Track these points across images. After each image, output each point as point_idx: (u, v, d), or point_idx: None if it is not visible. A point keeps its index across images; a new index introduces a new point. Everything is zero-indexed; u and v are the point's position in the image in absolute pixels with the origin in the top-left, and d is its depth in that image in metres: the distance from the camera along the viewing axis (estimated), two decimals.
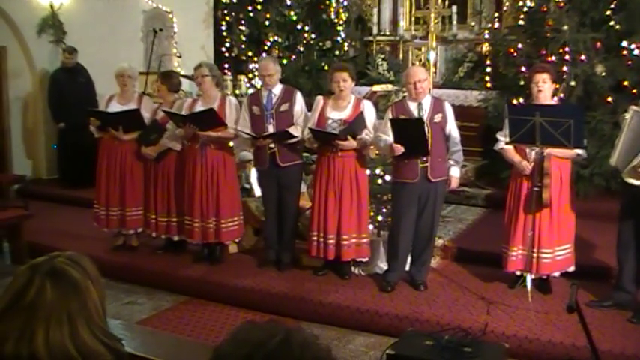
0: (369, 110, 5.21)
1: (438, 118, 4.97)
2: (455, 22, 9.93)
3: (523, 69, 7.45)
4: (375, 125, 5.21)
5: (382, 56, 10.58)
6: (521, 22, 8.04)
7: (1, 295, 1.60)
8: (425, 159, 4.91)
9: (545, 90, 4.84)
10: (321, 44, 10.64)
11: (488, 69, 9.20)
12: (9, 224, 6.30)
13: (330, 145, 5.09)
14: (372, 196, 5.55)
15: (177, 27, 10.10)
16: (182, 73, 8.57)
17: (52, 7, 8.96)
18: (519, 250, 4.89)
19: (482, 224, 6.82)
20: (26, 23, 8.75)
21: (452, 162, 5.08)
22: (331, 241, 5.20)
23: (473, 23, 10.04)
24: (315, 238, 5.26)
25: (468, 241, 6.18)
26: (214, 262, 5.75)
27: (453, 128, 5.06)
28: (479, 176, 7.97)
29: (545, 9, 7.54)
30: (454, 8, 9.84)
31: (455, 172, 5.09)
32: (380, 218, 5.78)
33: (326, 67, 9.68)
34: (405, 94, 6.44)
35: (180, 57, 9.56)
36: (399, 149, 4.83)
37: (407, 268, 5.29)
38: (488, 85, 9.07)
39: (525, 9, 7.95)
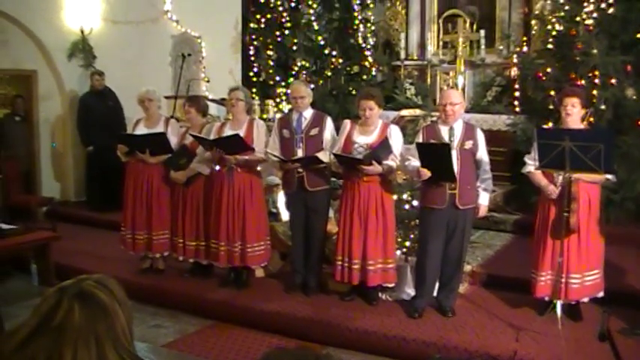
0: (395, 135, 5.22)
1: (468, 144, 4.95)
2: (483, 46, 9.93)
3: (552, 93, 7.41)
4: (402, 150, 5.20)
5: (410, 81, 10.61)
6: (549, 46, 8.03)
7: (29, 317, 1.62)
8: (453, 185, 4.87)
9: (574, 114, 4.81)
10: (348, 69, 10.73)
11: (517, 93, 9.16)
12: (37, 245, 6.37)
13: (355, 170, 5.10)
14: (399, 221, 5.54)
15: (205, 51, 10.26)
16: (210, 97, 8.67)
17: (82, 31, 9.19)
18: (548, 276, 4.85)
19: (510, 250, 6.77)
20: (57, 47, 9.02)
21: (481, 189, 5.04)
22: (356, 266, 5.19)
23: (501, 47, 10.04)
24: (339, 262, 5.25)
25: (496, 266, 6.14)
26: (241, 287, 5.78)
27: (483, 155, 5.04)
28: (507, 201, 7.91)
29: (574, 32, 7.52)
30: (482, 32, 9.87)
31: (484, 200, 5.07)
32: (407, 244, 5.75)
33: (353, 92, 9.75)
34: (434, 118, 6.44)
35: (208, 81, 9.72)
36: (426, 174, 4.82)
37: (435, 294, 5.25)
38: (517, 109, 9.02)
39: (554, 32, 7.93)
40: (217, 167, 5.71)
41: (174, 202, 6.03)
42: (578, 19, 7.52)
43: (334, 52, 10.51)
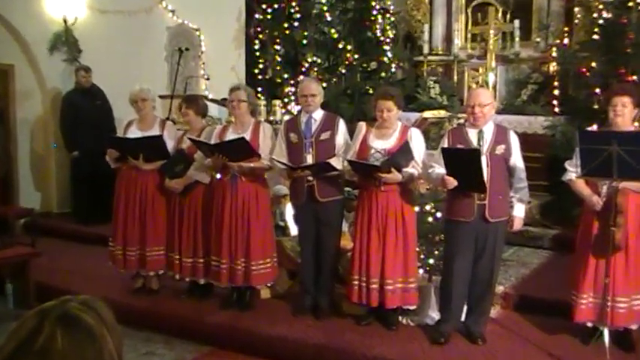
0: (417, 139, 5.24)
1: (500, 149, 4.94)
2: (517, 39, 9.92)
3: (597, 91, 7.36)
4: (424, 156, 5.21)
5: (434, 78, 10.62)
6: (595, 37, 7.98)
7: (5, 342, 1.58)
8: (483, 195, 4.87)
9: (624, 115, 4.79)
10: (365, 65, 10.76)
11: (556, 91, 9.14)
12: (14, 263, 6.39)
13: (371, 178, 5.11)
14: (421, 236, 5.54)
15: (205, 46, 10.33)
16: (210, 97, 8.69)
17: (65, 21, 9.19)
18: (590, 299, 4.83)
19: (548, 269, 6.77)
20: (36, 39, 9.03)
21: (515, 200, 5.03)
22: (374, 286, 5.20)
23: (538, 39, 10.02)
24: (356, 282, 5.26)
25: (532, 287, 6.13)
26: (244, 309, 5.80)
27: (518, 161, 5.04)
28: (544, 214, 7.89)
29: (625, 20, 7.42)
30: (516, 23, 9.85)
31: (519, 212, 5.07)
32: (431, 261, 5.75)
33: (370, 91, 9.77)
34: (461, 120, 6.43)
35: (208, 79, 9.74)
36: (452, 182, 4.81)
37: (462, 318, 5.24)
38: (556, 109, 9.01)
39: (601, 21, 7.85)
40: (219, 175, 5.73)
41: (170, 213, 6.08)
42: (630, 3, 7.43)
43: (349, 47, 10.56)
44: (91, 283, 6.44)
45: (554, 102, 9.14)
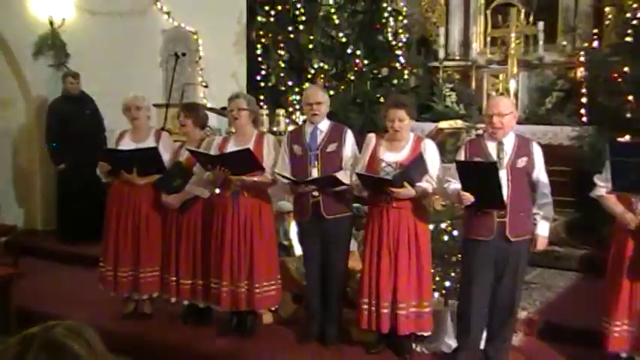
0: (431, 151, 5.26)
1: (522, 162, 4.96)
2: (541, 42, 9.92)
3: (630, 98, 7.34)
4: (439, 170, 5.23)
5: (450, 85, 10.64)
6: (627, 39, 7.94)
7: None
8: (503, 212, 4.88)
9: None
10: (375, 71, 10.80)
11: (584, 99, 9.11)
12: None
13: (382, 194, 5.12)
14: (436, 256, 5.55)
15: (203, 50, 10.36)
16: (208, 105, 8.71)
17: (51, 23, 9.23)
18: (624, 326, 4.82)
19: (576, 292, 6.76)
20: (20, 42, 9.06)
21: (539, 217, 5.03)
22: (385, 311, 5.20)
23: (564, 42, 10.01)
24: (365, 306, 5.26)
25: (558, 313, 6.13)
26: (245, 335, 5.82)
27: (541, 175, 5.05)
28: (571, 232, 7.87)
29: None
30: (540, 25, 9.84)
31: (543, 230, 5.07)
32: (447, 284, 5.75)
33: (381, 100, 9.78)
34: (480, 131, 6.43)
35: (206, 87, 9.74)
36: (469, 198, 4.81)
37: (481, 346, 5.23)
38: (584, 119, 8.97)
39: (634, 22, 7.83)
40: (218, 190, 5.75)
41: (166, 231, 6.10)
42: None
43: (358, 52, 10.58)
44: (78, 308, 6.45)
45: (582, 111, 9.11)
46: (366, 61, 10.59)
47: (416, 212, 5.21)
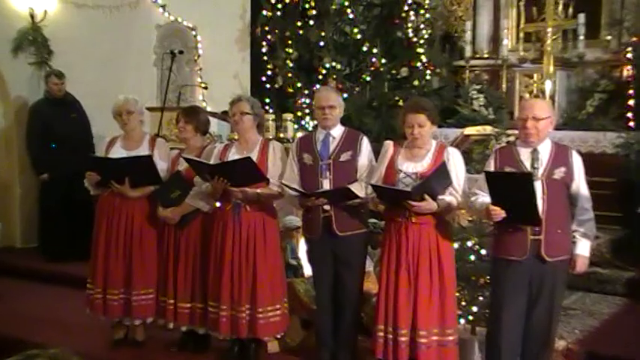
0: (456, 161, 5.26)
1: (559, 173, 4.95)
2: (582, 37, 9.89)
3: None
4: (465, 181, 5.24)
5: (478, 87, 10.65)
6: None
7: None
8: (537, 229, 4.88)
9: None
10: (393, 72, 10.82)
11: (631, 101, 9.09)
12: None
13: (401, 208, 5.13)
14: (462, 277, 5.55)
15: (202, 48, 10.33)
16: (208, 109, 8.72)
17: (32, 16, 9.24)
18: None
19: (622, 319, 6.75)
20: None
21: (579, 235, 5.03)
22: (404, 339, 5.18)
23: (609, 37, 9.99)
24: (382, 333, 5.26)
25: (602, 342, 6.12)
26: None
27: (581, 187, 5.04)
28: (617, 252, 7.85)
29: None
30: (581, 18, 9.79)
31: (583, 249, 5.05)
32: (474, 309, 5.73)
33: (400, 103, 9.78)
34: (511, 137, 6.43)
35: (206, 88, 9.76)
36: (499, 213, 4.82)
37: None
38: (631, 124, 8.96)
39: None
40: (218, 204, 5.78)
41: (163, 249, 6.12)
42: None
43: (375, 50, 10.59)
44: (62, 334, 6.47)
45: (628, 115, 9.10)
46: (383, 60, 10.59)
47: (438, 228, 5.19)
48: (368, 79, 10.61)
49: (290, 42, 10.82)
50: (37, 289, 8.15)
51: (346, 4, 10.64)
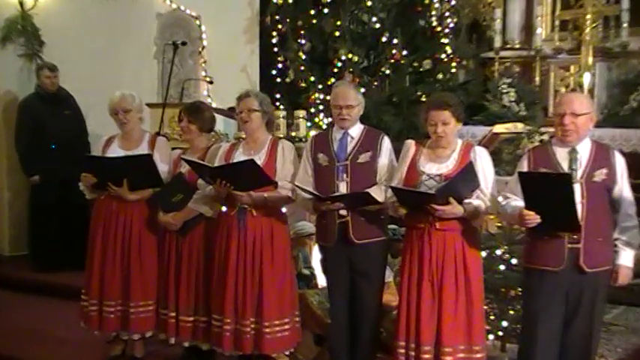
0: (483, 161, 5.23)
1: (600, 175, 4.92)
2: (625, 25, 9.83)
3: None
4: (494, 183, 5.21)
5: (508, 81, 10.63)
6: None
7: None
8: (575, 236, 4.85)
9: None
10: (416, 64, 10.77)
11: None
12: None
13: (423, 213, 5.10)
14: (491, 289, 5.52)
15: (207, 39, 10.36)
16: (214, 105, 8.73)
17: (21, 4, 9.24)
18: None
19: None
20: None
21: (621, 243, 5.00)
22: (427, 356, 5.16)
23: None
24: (402, 350, 5.23)
25: None
26: None
27: (624, 191, 5.00)
28: None
29: None
30: (625, 3, 9.71)
31: (626, 260, 5.01)
32: (505, 324, 5.71)
33: (423, 98, 9.76)
34: (545, 136, 6.40)
35: (211, 83, 9.74)
36: (533, 218, 4.79)
37: None
38: None
39: None
40: (224, 208, 5.78)
41: (163, 258, 6.12)
42: None
43: (395, 40, 10.58)
44: (55, 350, 6.49)
45: None
46: (404, 52, 10.59)
47: (465, 235, 5.16)
48: (387, 72, 10.60)
49: (303, 32, 10.83)
50: (27, 301, 8.16)
51: None
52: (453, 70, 10.76)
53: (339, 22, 10.56)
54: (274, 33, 11.01)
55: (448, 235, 5.12)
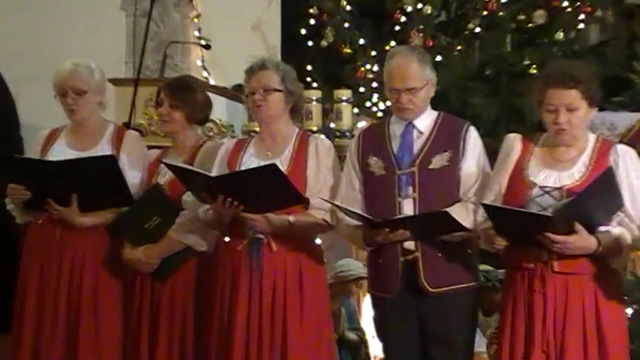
0: (629, 167, 5.22)
1: None
2: None
3: None
4: None
5: None
6: None
7: None
8: None
9: None
10: (521, 17, 10.72)
11: None
12: None
13: (534, 246, 5.08)
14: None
15: None
16: (211, 82, 8.76)
17: None
18: None
19: None
20: None
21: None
22: None
23: None
24: None
25: None
26: None
27: None
28: None
29: None
30: None
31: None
32: None
33: (533, 70, 9.72)
34: None
35: (208, 47, 9.77)
36: None
37: None
38: None
39: None
40: (227, 239, 5.77)
41: (132, 313, 6.17)
42: None
43: None
44: None
45: None
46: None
47: (599, 282, 5.15)
48: (477, 30, 10.56)
49: None
50: None
51: None
52: (581, 26, 10.72)
53: None
54: None
55: (572, 281, 5.13)
